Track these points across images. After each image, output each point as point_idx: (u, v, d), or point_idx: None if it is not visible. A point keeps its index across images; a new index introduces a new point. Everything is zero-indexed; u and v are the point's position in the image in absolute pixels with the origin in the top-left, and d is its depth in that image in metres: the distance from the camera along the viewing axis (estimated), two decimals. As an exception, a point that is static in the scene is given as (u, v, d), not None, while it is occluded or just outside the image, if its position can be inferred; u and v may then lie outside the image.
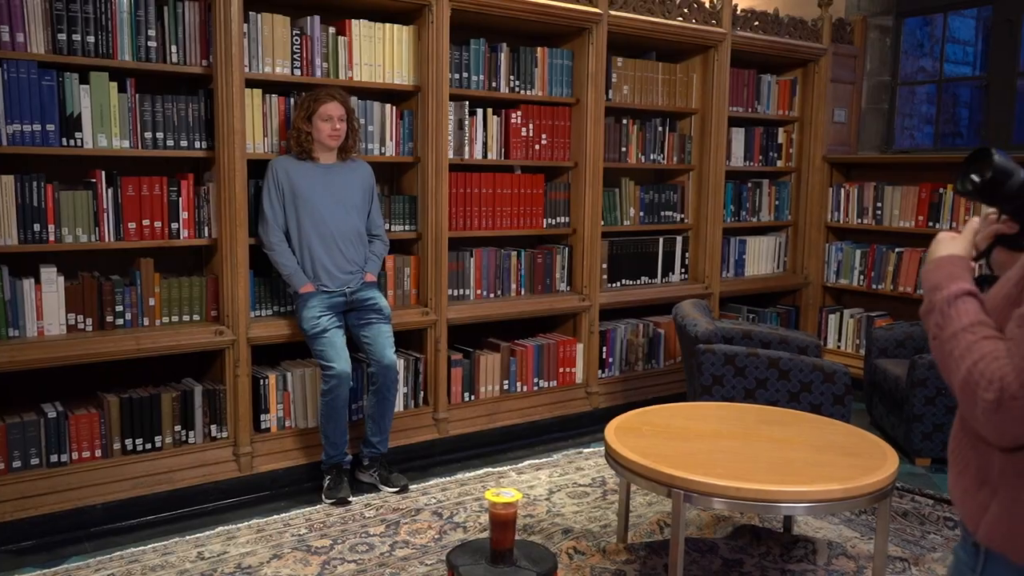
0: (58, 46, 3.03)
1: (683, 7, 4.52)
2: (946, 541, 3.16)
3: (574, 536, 3.11)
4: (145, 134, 3.23)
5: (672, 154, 4.81)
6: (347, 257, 3.50)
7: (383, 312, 3.54)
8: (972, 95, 5.78)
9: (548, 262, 4.38)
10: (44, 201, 3.06)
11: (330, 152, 3.48)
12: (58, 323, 3.15)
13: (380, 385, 3.48)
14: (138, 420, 3.26)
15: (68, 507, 3.08)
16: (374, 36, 3.70)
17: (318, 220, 3.43)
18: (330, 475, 3.44)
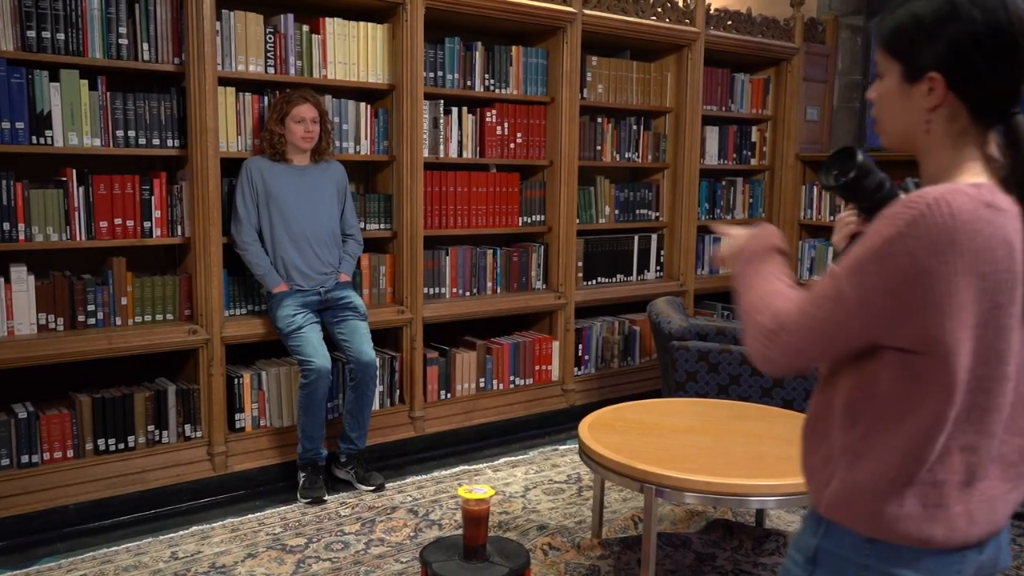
0: (27, 43, 3.00)
1: (656, 6, 4.55)
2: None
3: (549, 532, 3.13)
4: (117, 132, 3.21)
5: (647, 152, 4.84)
6: (321, 258, 3.50)
7: (359, 310, 3.54)
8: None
9: (524, 260, 4.40)
10: (14, 200, 3.03)
11: (303, 154, 3.48)
12: (29, 323, 3.12)
13: (359, 381, 3.48)
14: (111, 420, 3.23)
15: (40, 508, 3.06)
16: (348, 34, 3.69)
17: (291, 222, 3.43)
18: (305, 472, 3.43)
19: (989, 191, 1.05)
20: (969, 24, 1.04)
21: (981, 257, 1.02)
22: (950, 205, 1.01)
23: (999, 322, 1.06)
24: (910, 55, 1.10)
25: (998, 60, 1.05)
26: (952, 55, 1.06)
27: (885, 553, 1.13)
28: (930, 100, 1.10)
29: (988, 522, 1.14)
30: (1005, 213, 1.04)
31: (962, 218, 1.01)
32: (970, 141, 1.11)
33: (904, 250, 1.02)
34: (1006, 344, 1.08)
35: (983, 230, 1.02)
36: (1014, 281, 1.05)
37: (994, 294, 1.04)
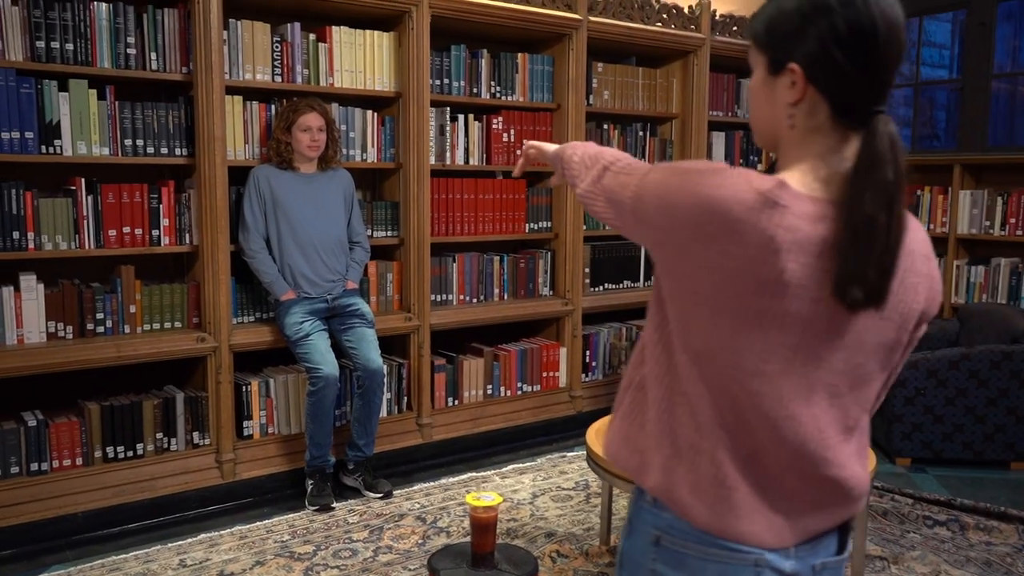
0: (37, 54, 3.02)
1: (662, 13, 4.56)
2: (925, 540, 3.19)
3: (557, 539, 3.12)
4: (125, 141, 3.23)
5: (653, 158, 4.84)
6: (328, 266, 3.51)
7: (366, 317, 3.55)
8: (949, 98, 5.85)
9: (531, 267, 4.40)
10: (23, 209, 3.05)
11: (310, 162, 3.49)
12: (38, 331, 3.13)
13: (366, 388, 3.48)
14: (119, 428, 3.25)
15: (49, 515, 3.07)
16: (355, 43, 3.71)
17: (298, 229, 3.44)
18: (313, 480, 3.44)
19: (774, 183, 1.01)
20: (830, 18, 1.03)
21: (730, 237, 1.00)
22: (716, 188, 1.01)
23: (756, 316, 1.02)
24: (773, 47, 1.09)
25: (856, 55, 1.03)
26: (812, 47, 1.04)
27: (670, 559, 1.12)
28: (792, 94, 1.07)
29: (751, 524, 1.09)
30: (781, 209, 1.00)
31: (720, 202, 1.00)
32: (819, 140, 1.07)
33: (676, 209, 1.04)
34: (762, 337, 1.03)
35: (737, 212, 0.99)
36: (769, 275, 1.00)
37: (741, 279, 1.01)
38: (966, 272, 4.97)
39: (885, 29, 1.03)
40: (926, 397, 3.90)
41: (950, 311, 4.98)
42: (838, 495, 1.12)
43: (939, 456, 3.97)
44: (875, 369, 1.11)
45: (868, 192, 1.00)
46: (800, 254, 1.00)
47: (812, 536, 1.14)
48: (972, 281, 4.94)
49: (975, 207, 4.94)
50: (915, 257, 1.09)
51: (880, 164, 1.01)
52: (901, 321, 1.09)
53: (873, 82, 1.04)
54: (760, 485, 1.09)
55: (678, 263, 1.06)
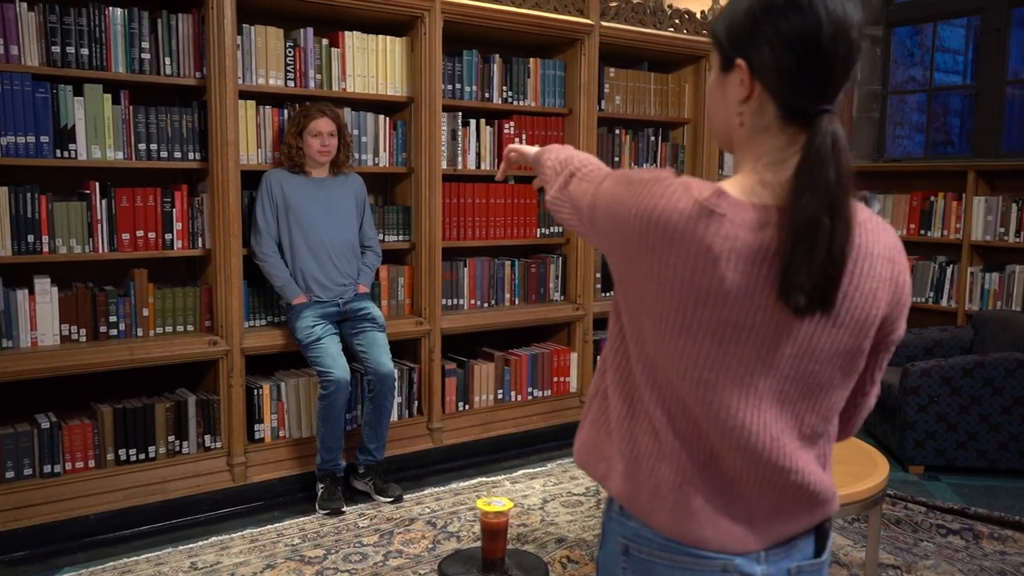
0: (52, 59, 3.05)
1: (674, 18, 4.56)
2: (939, 548, 3.17)
3: (567, 545, 3.12)
4: (139, 145, 3.25)
5: (665, 164, 4.83)
6: (339, 269, 3.52)
7: (377, 321, 3.56)
8: (962, 103, 5.82)
9: (542, 271, 4.40)
10: (38, 212, 3.07)
11: (322, 166, 3.51)
12: (52, 333, 3.15)
13: (377, 392, 3.49)
14: (132, 430, 3.26)
15: (61, 517, 3.08)
16: (367, 47, 3.72)
17: (310, 234, 3.45)
18: (324, 484, 3.44)
19: (713, 192, 1.01)
20: (775, 19, 1.03)
21: (669, 247, 1.01)
22: (654, 198, 1.02)
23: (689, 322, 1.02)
24: (724, 44, 1.10)
25: (799, 53, 1.02)
26: (759, 47, 1.04)
27: (638, 567, 1.13)
28: (741, 91, 1.07)
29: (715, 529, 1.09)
30: (715, 216, 1.00)
31: (659, 212, 1.01)
32: (765, 141, 1.07)
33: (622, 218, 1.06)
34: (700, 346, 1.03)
35: (674, 223, 1.00)
36: (708, 284, 1.00)
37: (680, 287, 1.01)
38: (980, 279, 4.93)
39: (830, 29, 1.01)
40: (939, 405, 3.88)
41: (964, 318, 4.95)
42: (801, 501, 1.11)
43: (953, 464, 3.94)
44: (834, 376, 1.08)
45: (808, 193, 0.99)
46: (740, 262, 1.00)
47: (782, 541, 1.13)
48: (986, 288, 4.91)
49: (989, 213, 4.90)
50: (873, 260, 1.06)
51: (821, 164, 1.00)
52: (857, 327, 1.06)
53: (819, 81, 1.03)
54: (719, 491, 1.09)
55: (628, 272, 1.07)
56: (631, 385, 1.13)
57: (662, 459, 1.09)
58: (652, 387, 1.09)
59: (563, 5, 4.11)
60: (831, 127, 1.01)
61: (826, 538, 1.18)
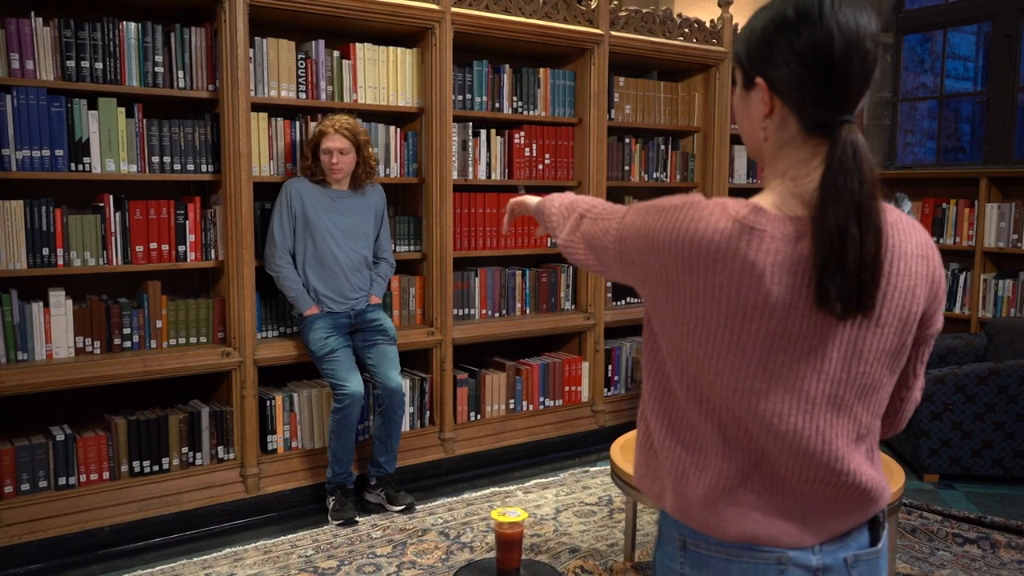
0: (67, 73, 3.07)
1: (684, 27, 4.56)
2: (955, 558, 3.14)
3: (581, 555, 3.10)
4: (152, 158, 3.27)
5: (675, 172, 4.83)
6: (352, 283, 3.52)
7: (388, 333, 3.56)
8: (974, 110, 5.80)
9: (553, 281, 4.40)
10: (53, 225, 3.09)
11: (340, 181, 3.50)
12: (66, 346, 3.17)
13: (386, 407, 3.49)
14: (145, 442, 3.27)
15: (76, 529, 3.09)
16: (378, 59, 3.74)
17: (325, 250, 3.45)
18: (335, 496, 3.44)
19: (750, 209, 1.05)
20: (788, 35, 1.06)
21: (713, 267, 1.03)
22: (693, 222, 1.05)
23: (738, 336, 1.05)
24: (745, 63, 1.13)
25: (816, 70, 1.05)
26: (776, 64, 1.07)
27: (696, 562, 1.15)
28: (763, 107, 1.11)
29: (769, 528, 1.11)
30: (755, 231, 1.03)
31: (700, 235, 1.04)
32: (791, 154, 1.10)
33: (659, 246, 1.08)
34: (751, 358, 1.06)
35: (717, 242, 1.03)
36: (755, 299, 1.03)
37: (727, 304, 1.04)
38: (994, 286, 4.91)
39: (843, 43, 1.04)
40: (954, 413, 3.85)
41: (978, 325, 4.92)
42: (853, 499, 1.13)
43: (968, 472, 3.91)
44: (882, 375, 1.12)
45: (834, 204, 1.02)
46: (783, 275, 1.03)
47: (837, 535, 1.15)
48: (1000, 295, 4.88)
49: (1002, 220, 4.88)
50: (908, 259, 1.09)
51: (844, 174, 1.03)
52: (900, 325, 1.10)
53: (836, 93, 1.06)
54: (771, 492, 1.11)
55: (666, 298, 1.10)
56: (669, 405, 1.16)
57: (708, 470, 1.12)
58: (696, 402, 1.12)
59: (573, 15, 4.12)
60: (851, 137, 1.04)
61: (881, 527, 1.20)
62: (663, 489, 1.19)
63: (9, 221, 3.01)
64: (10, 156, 2.99)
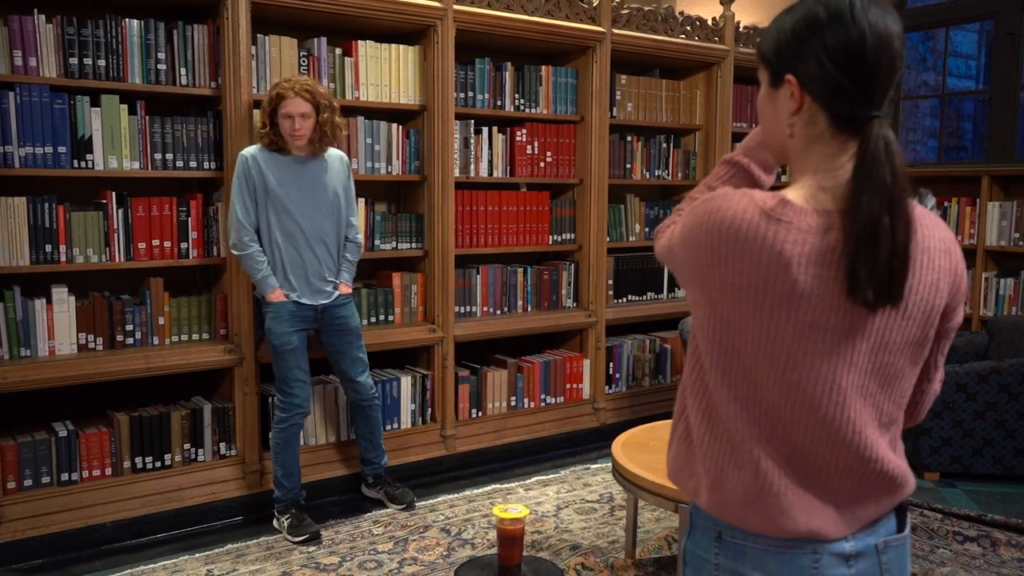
0: (70, 70, 3.08)
1: (685, 25, 4.56)
2: (955, 556, 3.15)
3: (582, 552, 3.11)
4: (155, 155, 3.28)
5: (677, 170, 4.84)
6: (321, 261, 3.27)
7: (355, 331, 3.40)
8: (975, 108, 5.80)
9: (554, 278, 4.40)
10: (56, 222, 3.10)
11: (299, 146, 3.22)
12: (69, 342, 3.18)
13: (363, 408, 3.44)
14: (148, 438, 3.28)
15: (79, 525, 3.10)
16: (380, 57, 3.74)
17: (290, 219, 3.20)
18: (290, 513, 3.27)
19: (777, 201, 1.08)
20: (821, 34, 1.09)
21: (741, 258, 1.06)
22: (720, 211, 1.08)
23: (768, 327, 1.08)
24: (773, 61, 1.17)
25: (846, 65, 1.09)
26: (806, 62, 1.11)
27: (731, 552, 1.17)
28: (791, 104, 1.14)
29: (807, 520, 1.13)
30: (782, 223, 1.06)
31: (727, 223, 1.07)
32: (820, 149, 1.13)
33: (692, 242, 1.12)
34: (783, 349, 1.08)
35: (745, 232, 1.06)
36: (783, 289, 1.06)
37: (757, 296, 1.07)
38: (995, 284, 4.91)
39: (874, 41, 1.08)
40: (955, 411, 3.86)
41: (979, 324, 4.93)
42: (881, 486, 1.17)
43: (969, 471, 3.92)
44: (905, 366, 1.15)
45: (867, 195, 1.05)
46: (810, 265, 1.06)
47: (867, 523, 1.18)
48: (1001, 294, 4.88)
49: (1004, 219, 4.88)
50: (932, 254, 1.12)
51: (876, 166, 1.06)
52: (924, 318, 1.13)
53: (866, 91, 1.09)
54: (806, 484, 1.14)
55: (701, 292, 1.13)
56: (708, 404, 1.18)
57: (744, 466, 1.14)
58: (733, 400, 1.14)
59: (575, 13, 4.12)
60: (882, 131, 1.08)
61: (906, 514, 1.24)
62: (700, 486, 1.21)
63: (12, 218, 3.02)
64: (13, 153, 3.00)
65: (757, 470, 1.13)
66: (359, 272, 4.01)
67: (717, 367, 1.14)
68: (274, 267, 3.24)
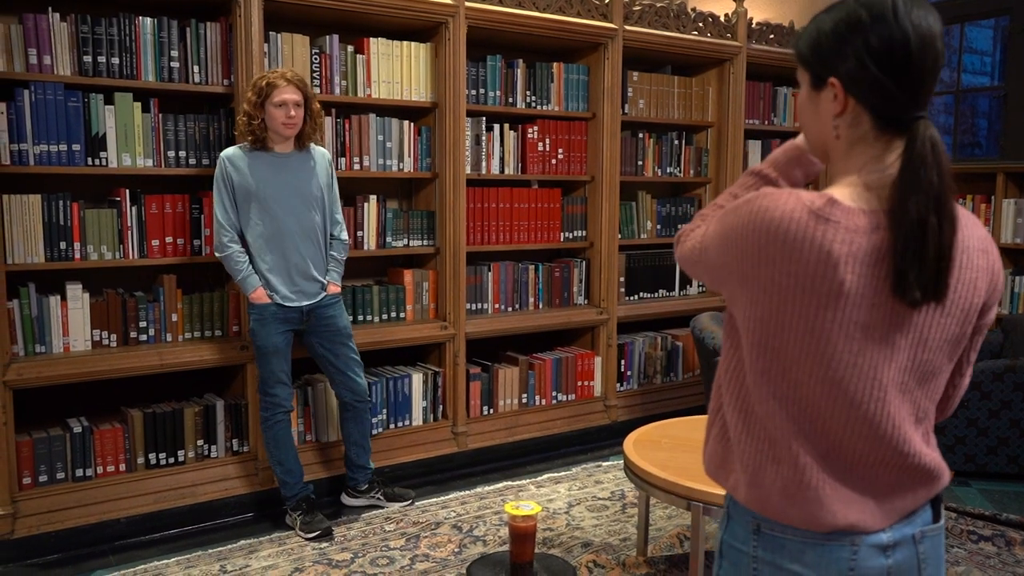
0: (84, 68, 3.09)
1: (698, 21, 4.54)
2: (969, 555, 3.13)
3: (594, 549, 3.11)
4: (168, 153, 3.29)
5: (688, 167, 4.82)
6: (308, 258, 3.20)
7: (345, 331, 3.32)
8: (990, 105, 5.75)
9: (566, 276, 4.40)
10: (70, 219, 3.12)
11: (286, 141, 3.16)
12: (83, 339, 3.20)
13: (357, 411, 3.38)
14: (161, 435, 3.30)
15: (93, 521, 3.13)
16: (392, 54, 3.75)
17: (273, 218, 3.12)
18: (301, 510, 3.26)
19: (824, 200, 1.08)
20: (864, 35, 1.09)
21: (788, 257, 1.06)
22: (768, 211, 1.08)
23: (813, 325, 1.09)
24: (814, 64, 1.16)
25: (890, 67, 1.09)
26: (850, 63, 1.11)
27: (770, 545, 1.18)
28: (835, 106, 1.15)
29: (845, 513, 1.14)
30: (830, 223, 1.06)
31: (776, 223, 1.07)
32: (864, 149, 1.14)
33: (735, 241, 1.12)
34: (826, 347, 1.09)
35: (793, 232, 1.06)
36: (830, 288, 1.07)
37: (803, 295, 1.07)
38: (1010, 282, 4.87)
39: (918, 41, 1.08)
40: (969, 409, 3.83)
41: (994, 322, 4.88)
42: (919, 479, 1.18)
43: (983, 470, 3.89)
44: (942, 362, 1.16)
45: (914, 196, 1.06)
46: (857, 265, 1.06)
47: (905, 515, 1.19)
48: (1016, 292, 4.84)
49: (1019, 216, 4.84)
50: (971, 253, 1.13)
51: (924, 167, 1.06)
52: (962, 315, 1.14)
53: (911, 91, 1.10)
54: (844, 477, 1.15)
55: (743, 292, 1.14)
56: (745, 401, 1.20)
57: (782, 461, 1.16)
58: (771, 398, 1.15)
59: (587, 10, 4.11)
60: (928, 132, 1.08)
61: (941, 505, 1.26)
62: (738, 482, 1.22)
63: (27, 215, 3.03)
64: (28, 151, 3.02)
65: (796, 465, 1.15)
66: (370, 269, 4.03)
67: (756, 366, 1.15)
68: (259, 269, 3.17)
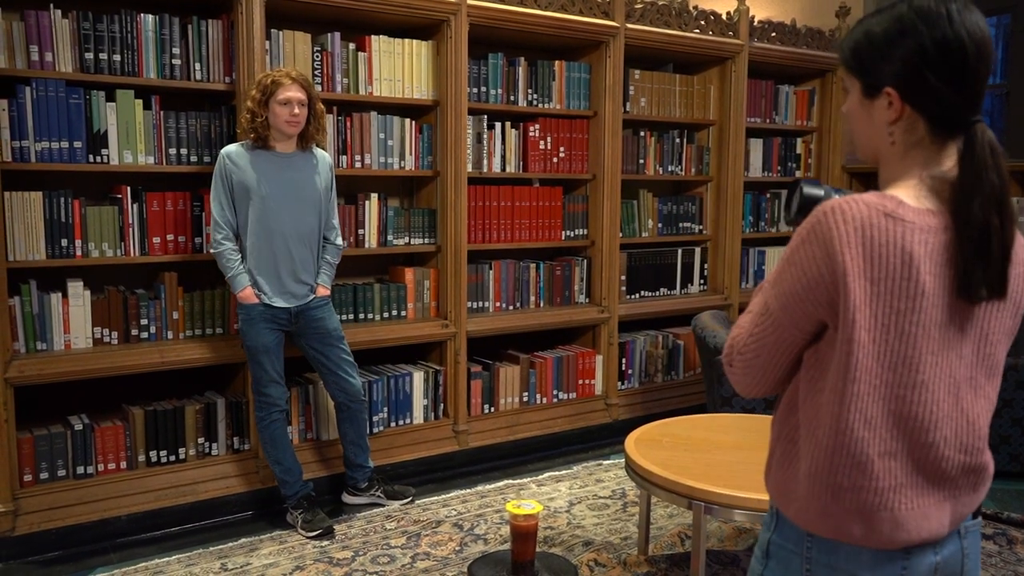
0: (85, 65, 3.09)
1: (700, 19, 4.54)
2: (971, 553, 3.13)
3: (595, 548, 3.11)
4: (169, 150, 3.29)
5: (690, 165, 4.82)
6: (299, 260, 3.18)
7: (335, 333, 3.30)
8: (993, 103, 5.75)
9: (567, 274, 4.39)
10: (71, 217, 3.11)
11: (288, 140, 3.14)
12: (84, 336, 3.20)
13: (353, 411, 3.38)
14: (162, 432, 3.30)
15: (94, 518, 3.12)
16: (393, 51, 3.74)
17: (269, 217, 3.11)
18: (302, 508, 3.26)
19: (893, 202, 1.09)
20: (917, 41, 1.09)
21: (872, 263, 1.07)
22: (843, 213, 1.08)
23: (902, 328, 1.09)
24: (866, 72, 1.16)
25: (948, 74, 1.09)
26: (903, 71, 1.11)
27: (825, 547, 1.17)
28: (890, 114, 1.14)
29: (919, 528, 1.15)
30: (906, 224, 1.08)
31: (857, 230, 1.07)
32: (919, 153, 1.14)
33: (807, 256, 1.11)
34: (913, 351, 1.10)
35: (875, 237, 1.07)
36: (914, 289, 1.08)
37: (891, 299, 1.08)
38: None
39: (973, 47, 1.09)
40: (971, 408, 3.82)
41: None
42: (984, 478, 1.21)
43: (984, 468, 3.88)
44: (1002, 355, 1.19)
45: (979, 198, 1.08)
46: (932, 265, 1.09)
47: (965, 517, 1.22)
48: (1018, 290, 4.84)
49: (1022, 214, 4.84)
50: (1017, 249, 1.16)
51: (985, 169, 1.08)
52: (1015, 309, 1.18)
53: (967, 97, 1.10)
54: (930, 490, 1.15)
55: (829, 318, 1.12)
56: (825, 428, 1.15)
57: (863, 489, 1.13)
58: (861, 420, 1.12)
59: (588, 8, 4.10)
60: (986, 135, 1.10)
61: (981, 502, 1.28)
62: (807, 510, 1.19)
63: (28, 212, 3.03)
64: (29, 147, 3.01)
65: (877, 490, 1.13)
66: (371, 267, 4.03)
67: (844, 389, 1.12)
68: (252, 267, 3.16)
